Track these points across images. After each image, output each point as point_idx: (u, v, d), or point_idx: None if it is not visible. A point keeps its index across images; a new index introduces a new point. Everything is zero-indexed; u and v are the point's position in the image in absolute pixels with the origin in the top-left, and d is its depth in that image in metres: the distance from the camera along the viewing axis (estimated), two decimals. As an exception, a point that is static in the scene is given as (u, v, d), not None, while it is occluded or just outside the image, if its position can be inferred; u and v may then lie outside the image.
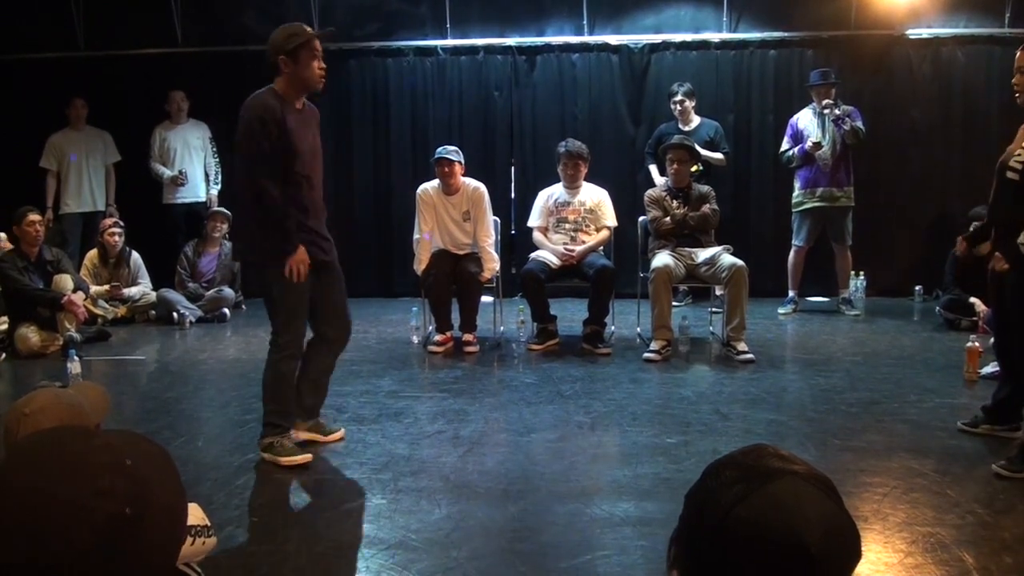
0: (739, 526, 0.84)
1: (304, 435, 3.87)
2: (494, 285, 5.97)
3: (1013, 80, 3.53)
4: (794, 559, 0.82)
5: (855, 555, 0.87)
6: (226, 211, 7.20)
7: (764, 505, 0.84)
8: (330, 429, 3.97)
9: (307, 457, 3.57)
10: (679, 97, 6.94)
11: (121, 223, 7.12)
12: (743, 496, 0.85)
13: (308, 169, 3.64)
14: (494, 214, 6.03)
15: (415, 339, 6.02)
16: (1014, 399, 3.69)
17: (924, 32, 7.60)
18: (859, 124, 6.67)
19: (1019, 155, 3.45)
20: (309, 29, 3.63)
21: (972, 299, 6.06)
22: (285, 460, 3.54)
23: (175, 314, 6.78)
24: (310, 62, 3.59)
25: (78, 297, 5.99)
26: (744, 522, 0.84)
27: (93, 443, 0.92)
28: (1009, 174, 3.48)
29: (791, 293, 7.06)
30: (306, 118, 3.70)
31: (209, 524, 1.54)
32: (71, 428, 1.00)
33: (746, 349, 5.34)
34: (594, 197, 5.94)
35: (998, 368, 4.00)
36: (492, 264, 5.79)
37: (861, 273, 7.22)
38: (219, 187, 7.67)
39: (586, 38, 7.85)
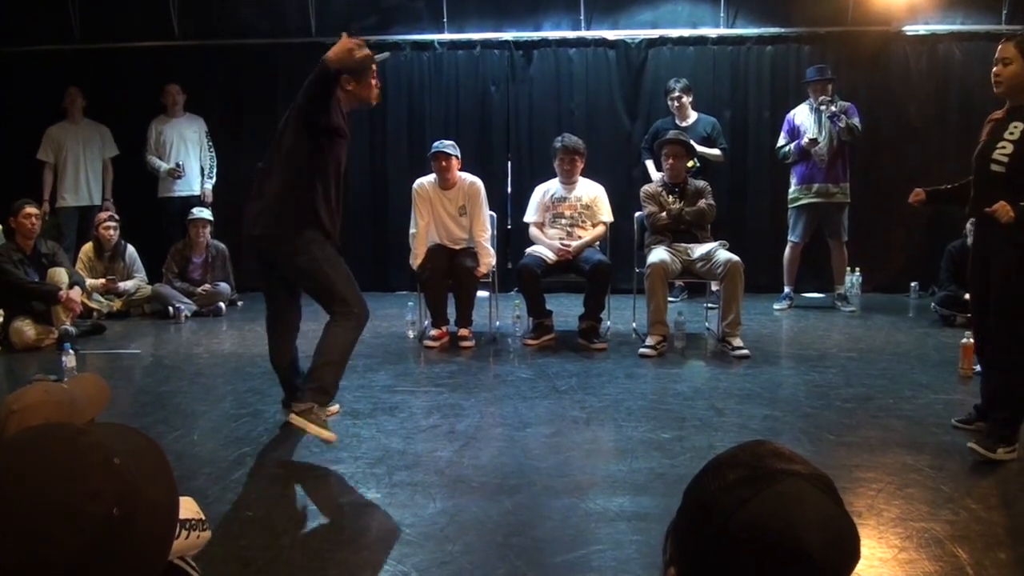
0: (742, 530, 0.84)
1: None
2: (490, 280, 5.97)
3: (993, 69, 3.53)
4: (796, 564, 0.82)
5: (855, 557, 0.87)
6: (209, 216, 7.18)
7: (767, 509, 0.84)
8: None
9: (333, 436, 3.52)
10: (676, 93, 6.93)
11: (116, 217, 7.08)
12: (745, 499, 0.85)
13: (343, 162, 3.78)
14: (490, 209, 6.02)
15: (411, 333, 6.01)
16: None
17: (921, 29, 7.61)
18: (855, 120, 6.68)
19: (1003, 147, 3.47)
20: (368, 50, 3.67)
21: (967, 295, 6.05)
22: (314, 429, 3.47)
23: (170, 308, 6.77)
24: (369, 81, 3.74)
25: (76, 293, 5.96)
26: (747, 526, 0.84)
27: (80, 442, 0.91)
28: (993, 167, 3.49)
29: (787, 289, 7.06)
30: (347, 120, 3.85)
31: (204, 518, 1.53)
32: (58, 427, 0.99)
33: (741, 345, 5.35)
34: (590, 192, 5.94)
35: None
36: (488, 259, 5.79)
37: (857, 269, 7.23)
38: (214, 181, 7.64)
39: (583, 33, 7.84)
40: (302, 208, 3.65)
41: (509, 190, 7.99)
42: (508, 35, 7.87)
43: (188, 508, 1.46)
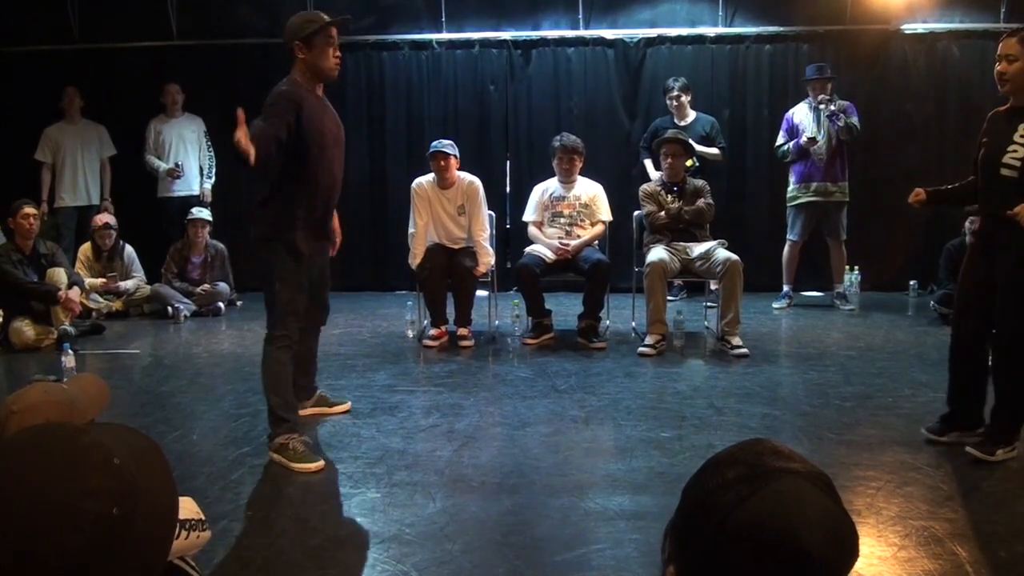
0: (740, 528, 0.84)
1: (310, 411, 4.05)
2: (489, 279, 5.97)
3: (997, 68, 3.48)
4: (795, 562, 0.82)
5: (853, 554, 0.87)
6: (208, 217, 7.18)
7: (765, 508, 0.84)
8: (335, 401, 4.17)
9: (320, 464, 3.46)
10: (675, 92, 6.93)
11: (112, 223, 7.02)
12: (744, 498, 0.85)
13: (328, 156, 3.64)
14: (489, 208, 6.02)
15: (410, 333, 6.01)
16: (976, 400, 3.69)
17: (919, 27, 7.60)
18: (854, 120, 6.68)
19: (1014, 151, 3.41)
20: (325, 17, 3.60)
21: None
22: (297, 467, 3.43)
23: (170, 308, 6.76)
24: (324, 49, 3.56)
25: (75, 293, 5.96)
26: (745, 524, 0.84)
27: (80, 442, 0.91)
28: (1004, 171, 3.41)
29: (785, 288, 7.06)
30: (325, 106, 3.70)
31: (203, 518, 1.53)
32: (58, 426, 0.99)
33: (740, 343, 5.35)
34: (589, 191, 5.94)
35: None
36: (487, 258, 5.78)
37: (856, 268, 7.23)
38: (213, 180, 7.63)
39: (581, 32, 7.84)
40: (274, 219, 3.57)
41: (508, 189, 7.98)
42: (507, 34, 7.87)
43: (188, 508, 1.46)
